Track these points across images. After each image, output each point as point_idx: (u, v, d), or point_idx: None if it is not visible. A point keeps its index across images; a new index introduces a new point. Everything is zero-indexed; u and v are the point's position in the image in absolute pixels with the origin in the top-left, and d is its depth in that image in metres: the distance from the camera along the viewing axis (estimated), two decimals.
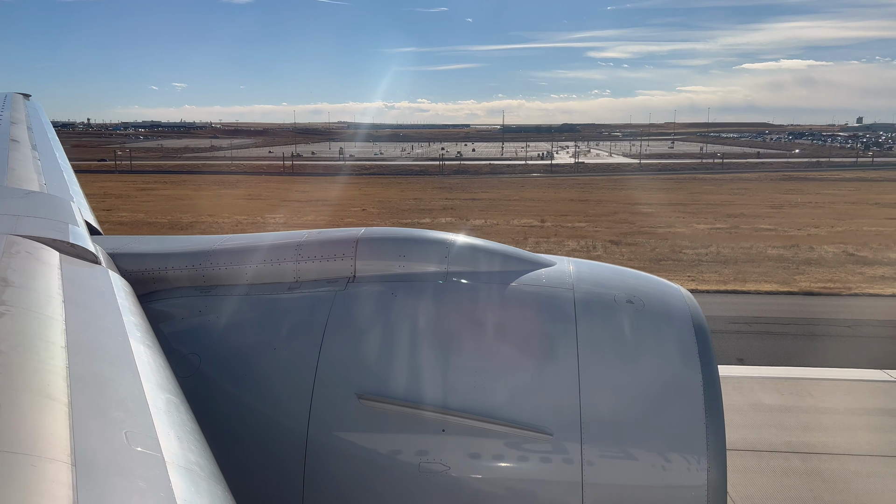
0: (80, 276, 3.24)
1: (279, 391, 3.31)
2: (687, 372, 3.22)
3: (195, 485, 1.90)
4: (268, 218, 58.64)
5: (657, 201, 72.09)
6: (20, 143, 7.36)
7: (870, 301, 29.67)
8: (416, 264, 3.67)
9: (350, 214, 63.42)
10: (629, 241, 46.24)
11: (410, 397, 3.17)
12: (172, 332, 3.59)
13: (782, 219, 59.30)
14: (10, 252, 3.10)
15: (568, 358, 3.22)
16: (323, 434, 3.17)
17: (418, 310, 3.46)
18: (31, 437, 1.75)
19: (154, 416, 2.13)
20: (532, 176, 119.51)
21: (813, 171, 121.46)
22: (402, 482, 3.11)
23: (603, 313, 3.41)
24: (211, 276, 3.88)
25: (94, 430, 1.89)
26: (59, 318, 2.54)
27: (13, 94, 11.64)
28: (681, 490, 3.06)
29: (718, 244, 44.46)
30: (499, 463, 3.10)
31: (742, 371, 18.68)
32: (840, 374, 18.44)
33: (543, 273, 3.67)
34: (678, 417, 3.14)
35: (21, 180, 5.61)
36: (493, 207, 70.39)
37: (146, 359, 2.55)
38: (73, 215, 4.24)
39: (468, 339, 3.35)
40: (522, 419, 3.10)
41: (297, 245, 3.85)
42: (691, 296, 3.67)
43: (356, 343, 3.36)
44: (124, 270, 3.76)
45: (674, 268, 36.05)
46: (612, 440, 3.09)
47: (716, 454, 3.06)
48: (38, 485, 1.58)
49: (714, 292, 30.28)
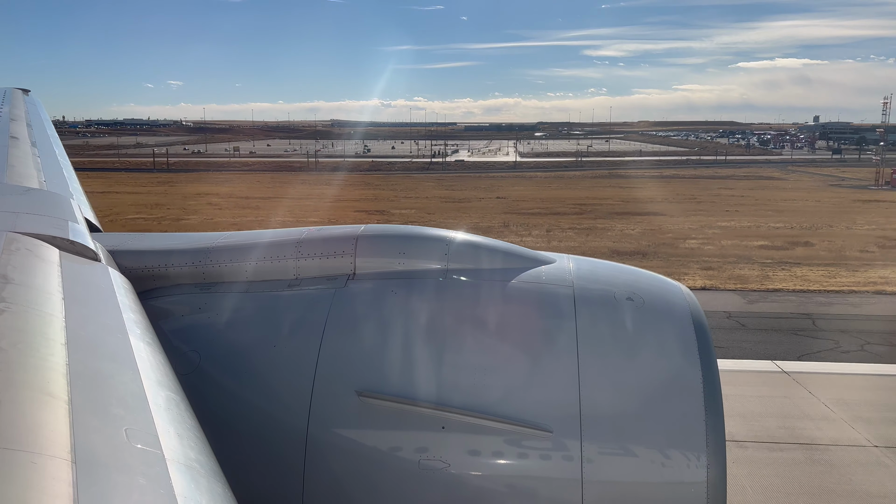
0: (80, 273, 3.24)
1: (279, 388, 3.31)
2: (686, 369, 3.22)
3: (195, 482, 1.91)
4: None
5: (430, 195, 77.12)
6: (20, 139, 7.36)
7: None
8: (416, 261, 3.67)
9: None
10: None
11: (410, 394, 3.17)
12: (172, 329, 3.59)
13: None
14: (10, 249, 3.10)
15: (568, 355, 3.22)
16: (323, 431, 3.18)
17: (418, 307, 3.46)
18: (31, 433, 1.75)
19: (154, 413, 2.13)
20: (394, 173, 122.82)
21: (648, 169, 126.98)
22: (402, 479, 3.11)
23: (603, 310, 3.41)
24: (211, 274, 3.88)
25: (95, 427, 1.89)
26: (58, 315, 2.54)
27: (12, 90, 11.61)
28: (681, 487, 3.07)
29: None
30: (499, 460, 3.10)
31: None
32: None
33: (543, 270, 3.67)
34: (678, 414, 3.14)
35: (21, 177, 5.61)
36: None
37: (146, 356, 2.55)
38: (72, 212, 4.24)
39: (468, 336, 3.35)
40: (522, 416, 3.10)
41: (297, 242, 3.85)
42: (691, 293, 3.67)
43: (356, 340, 3.37)
44: (124, 267, 3.76)
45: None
46: (612, 437, 3.10)
47: (715, 451, 3.07)
48: (39, 482, 1.58)
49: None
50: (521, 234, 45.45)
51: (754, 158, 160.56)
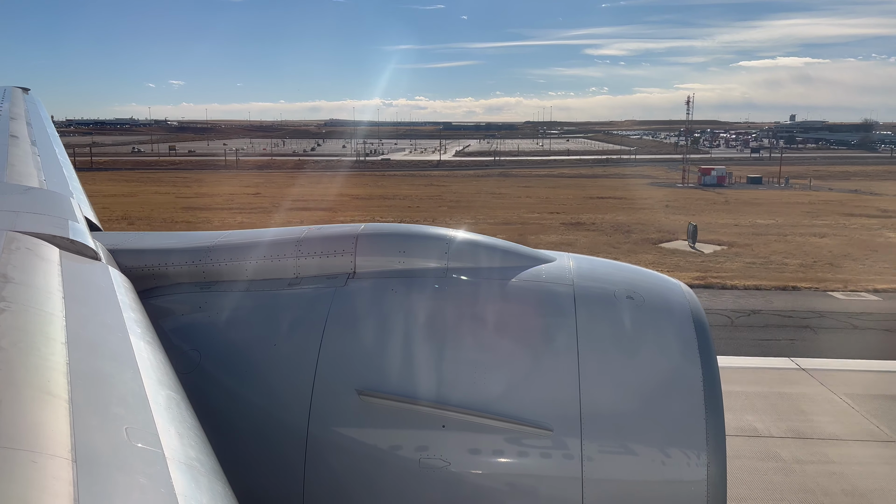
0: (80, 272, 3.24)
1: (279, 387, 3.31)
2: (687, 367, 3.22)
3: (196, 481, 1.91)
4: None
5: (301, 195, 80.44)
6: (19, 138, 7.35)
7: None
8: (417, 260, 3.67)
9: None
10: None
11: (411, 393, 3.17)
12: (173, 328, 3.60)
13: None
14: (10, 248, 3.10)
15: (568, 353, 3.22)
16: (323, 430, 3.18)
17: (419, 306, 3.46)
18: (31, 433, 1.75)
19: (154, 412, 2.13)
20: (306, 171, 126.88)
21: (550, 168, 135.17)
22: (402, 478, 3.11)
23: (603, 309, 3.41)
24: (211, 273, 3.88)
25: (95, 427, 1.89)
26: (59, 314, 2.54)
27: (12, 89, 11.60)
28: (681, 485, 3.07)
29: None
30: (499, 458, 3.10)
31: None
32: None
33: (543, 269, 3.67)
34: (678, 412, 3.14)
35: (21, 176, 5.61)
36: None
37: (146, 355, 2.55)
38: (72, 211, 4.24)
39: (468, 335, 3.35)
40: (522, 415, 3.10)
41: (297, 241, 3.85)
42: (691, 291, 3.67)
43: (356, 339, 3.36)
44: (124, 267, 3.76)
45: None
46: (612, 435, 3.10)
47: (716, 449, 3.07)
48: (39, 481, 1.58)
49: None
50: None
51: (656, 157, 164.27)
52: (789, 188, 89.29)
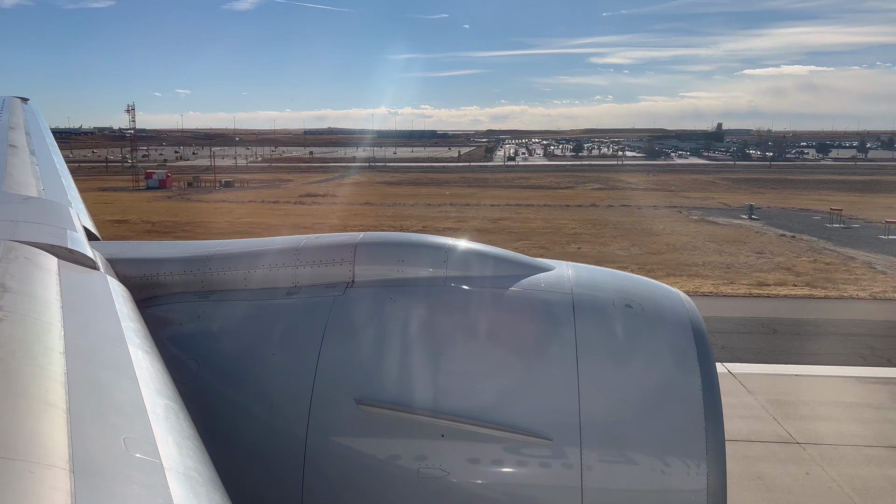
0: (79, 281, 3.24)
1: (278, 397, 3.30)
2: (686, 375, 3.21)
3: (194, 491, 1.90)
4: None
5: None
6: (18, 148, 7.36)
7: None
8: (415, 269, 3.66)
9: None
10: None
11: (410, 403, 3.16)
12: (171, 337, 3.59)
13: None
14: (9, 258, 3.10)
15: (567, 362, 3.21)
16: (322, 440, 3.16)
17: (417, 315, 3.45)
18: (29, 443, 1.74)
19: (152, 422, 2.12)
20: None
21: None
22: (401, 488, 3.10)
23: (602, 317, 3.40)
24: (209, 282, 3.87)
25: (93, 436, 1.88)
26: (57, 323, 2.53)
27: (11, 98, 11.63)
28: (681, 494, 3.05)
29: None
30: (498, 468, 3.09)
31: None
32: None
33: (542, 277, 3.67)
34: (677, 421, 3.14)
35: (19, 186, 5.61)
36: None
37: (145, 364, 2.54)
38: (71, 221, 4.24)
39: (467, 343, 3.34)
40: (522, 424, 3.09)
41: (296, 250, 3.85)
42: (689, 299, 3.67)
43: (355, 348, 3.36)
44: (123, 276, 3.75)
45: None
46: (612, 444, 3.09)
47: (715, 458, 3.06)
48: (37, 491, 1.57)
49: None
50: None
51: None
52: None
